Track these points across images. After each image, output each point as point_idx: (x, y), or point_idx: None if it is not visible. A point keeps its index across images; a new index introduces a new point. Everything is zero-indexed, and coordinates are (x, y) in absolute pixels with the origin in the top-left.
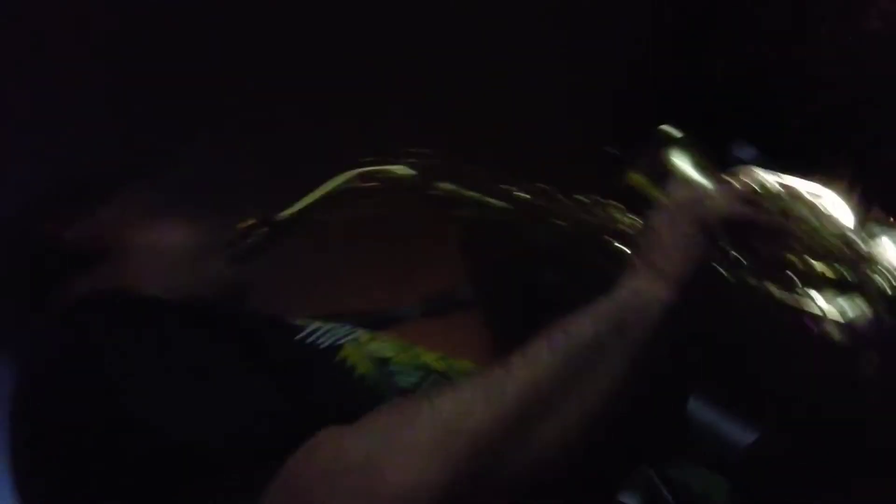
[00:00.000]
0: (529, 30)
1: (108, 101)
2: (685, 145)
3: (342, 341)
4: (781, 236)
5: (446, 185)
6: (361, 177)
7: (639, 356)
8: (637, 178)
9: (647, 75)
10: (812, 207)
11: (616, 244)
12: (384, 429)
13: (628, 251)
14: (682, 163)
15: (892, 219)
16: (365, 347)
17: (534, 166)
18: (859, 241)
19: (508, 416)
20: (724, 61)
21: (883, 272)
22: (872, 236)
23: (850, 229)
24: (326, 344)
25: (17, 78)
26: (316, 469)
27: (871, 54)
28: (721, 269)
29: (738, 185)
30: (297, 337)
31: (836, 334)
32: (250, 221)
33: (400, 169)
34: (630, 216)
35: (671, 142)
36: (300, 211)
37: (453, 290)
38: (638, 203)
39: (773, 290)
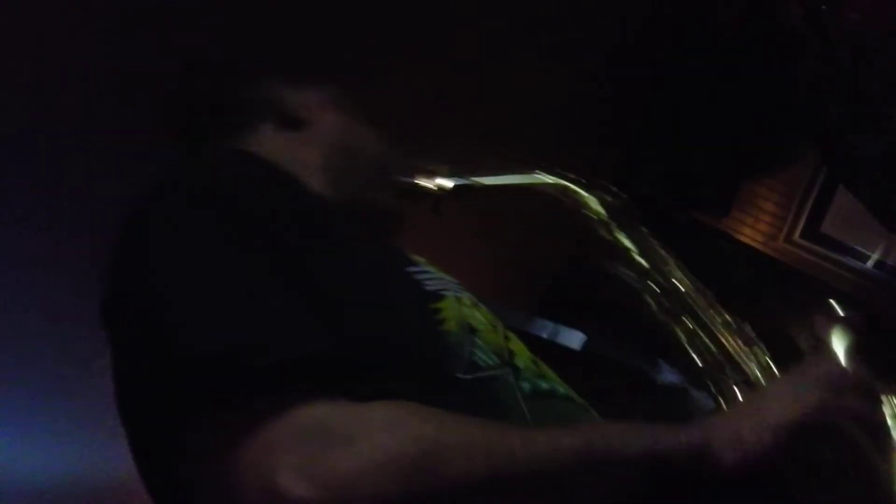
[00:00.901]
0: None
1: None
2: (848, 327)
3: (446, 293)
4: (876, 466)
5: (623, 239)
6: (562, 189)
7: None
8: (798, 329)
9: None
10: None
11: (733, 381)
12: (380, 422)
13: (739, 393)
14: (838, 343)
15: None
16: (462, 309)
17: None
18: None
19: (493, 485)
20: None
21: None
22: None
23: None
24: (431, 288)
25: None
26: (296, 427)
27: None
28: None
29: (869, 402)
30: (407, 269)
31: None
32: (442, 167)
33: (594, 203)
34: (766, 357)
35: (836, 318)
36: (490, 186)
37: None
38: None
39: None
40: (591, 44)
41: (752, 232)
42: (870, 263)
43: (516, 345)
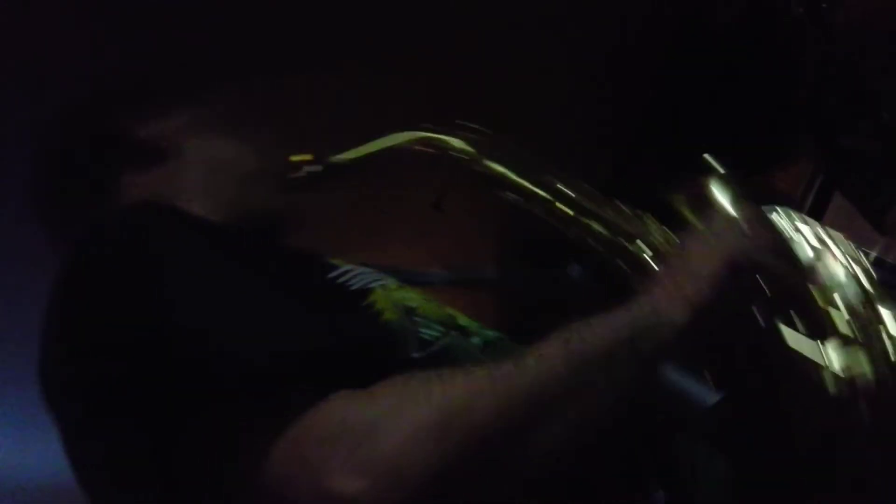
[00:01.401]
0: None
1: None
2: (727, 180)
3: (372, 285)
4: (801, 288)
5: (496, 167)
6: (421, 140)
7: (646, 370)
8: (678, 200)
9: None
10: (838, 258)
11: (644, 254)
12: (392, 401)
13: (654, 264)
14: (721, 196)
15: None
16: (393, 294)
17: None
18: (878, 302)
19: (513, 413)
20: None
21: (890, 338)
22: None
23: (870, 287)
24: (357, 286)
25: None
26: (321, 430)
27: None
28: (737, 305)
29: (772, 233)
30: (330, 275)
31: (832, 386)
32: (306, 156)
33: (457, 142)
34: (664, 230)
35: (713, 173)
36: (355, 159)
37: (480, 266)
38: (674, 222)
39: (783, 329)
40: (590, 44)
41: None
42: (869, 261)
43: (452, 309)
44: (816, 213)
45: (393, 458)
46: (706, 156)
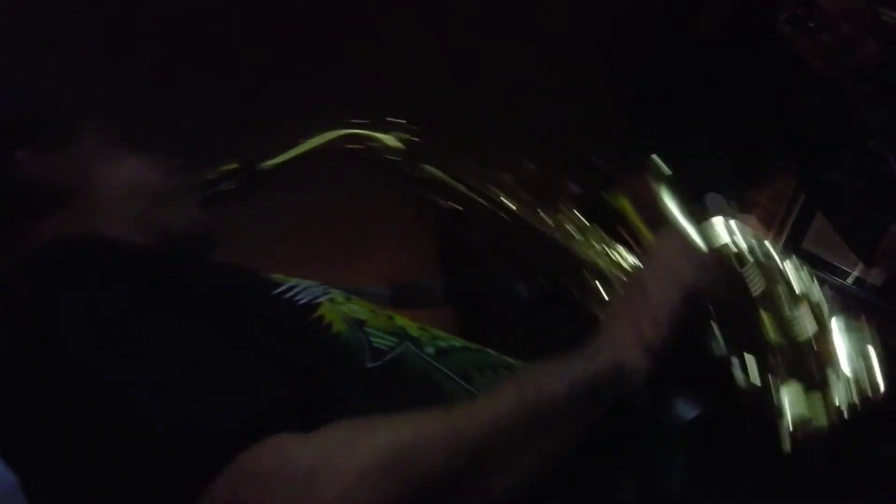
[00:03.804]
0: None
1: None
2: (672, 184)
3: (319, 300)
4: (758, 321)
5: (432, 170)
6: (349, 138)
7: (602, 415)
8: (624, 204)
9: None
10: (792, 290)
11: (594, 280)
12: (336, 445)
13: (605, 292)
14: (669, 202)
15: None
16: (341, 307)
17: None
18: (831, 339)
19: (462, 458)
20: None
21: (842, 378)
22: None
23: (824, 319)
24: (304, 301)
25: None
26: (259, 473)
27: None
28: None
29: (726, 262)
30: (275, 292)
31: (785, 439)
32: (231, 166)
33: (389, 139)
34: (609, 248)
35: (660, 176)
36: (282, 163)
37: (422, 283)
38: (620, 224)
39: (736, 365)
40: (574, 63)
41: None
42: (850, 280)
43: (401, 320)
44: (799, 232)
45: (335, 502)
46: (653, 156)
